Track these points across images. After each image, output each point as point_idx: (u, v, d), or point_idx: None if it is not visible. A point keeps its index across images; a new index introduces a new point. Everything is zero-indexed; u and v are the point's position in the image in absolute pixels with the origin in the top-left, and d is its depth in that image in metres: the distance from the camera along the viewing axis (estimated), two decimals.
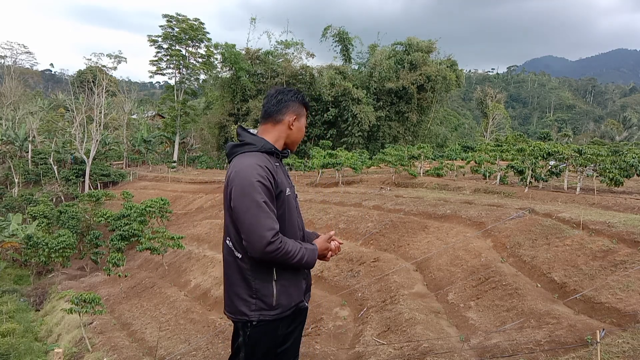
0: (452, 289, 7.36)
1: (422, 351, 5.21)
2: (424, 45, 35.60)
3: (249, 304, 2.15)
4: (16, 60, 65.57)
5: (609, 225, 7.61)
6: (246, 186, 2.06)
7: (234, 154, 2.25)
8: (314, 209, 14.50)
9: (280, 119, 2.30)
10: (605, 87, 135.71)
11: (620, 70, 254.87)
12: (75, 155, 33.88)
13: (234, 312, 2.20)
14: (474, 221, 9.94)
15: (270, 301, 2.16)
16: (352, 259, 9.89)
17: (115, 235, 18.15)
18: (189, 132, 45.10)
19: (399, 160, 18.06)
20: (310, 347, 6.35)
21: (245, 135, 2.28)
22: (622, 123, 58.84)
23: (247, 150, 2.21)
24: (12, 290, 17.04)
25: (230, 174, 2.15)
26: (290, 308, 2.23)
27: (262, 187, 2.07)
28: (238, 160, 2.18)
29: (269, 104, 2.32)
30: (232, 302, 2.21)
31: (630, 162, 12.06)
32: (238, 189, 2.07)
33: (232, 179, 2.12)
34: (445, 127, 42.83)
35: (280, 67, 36.59)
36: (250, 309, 2.15)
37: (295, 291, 2.25)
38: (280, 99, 2.30)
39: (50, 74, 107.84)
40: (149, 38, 38.34)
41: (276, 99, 2.31)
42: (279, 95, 2.32)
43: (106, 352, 8.79)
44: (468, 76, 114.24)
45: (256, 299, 2.15)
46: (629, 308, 5.30)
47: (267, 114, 2.32)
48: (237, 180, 2.09)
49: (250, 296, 2.15)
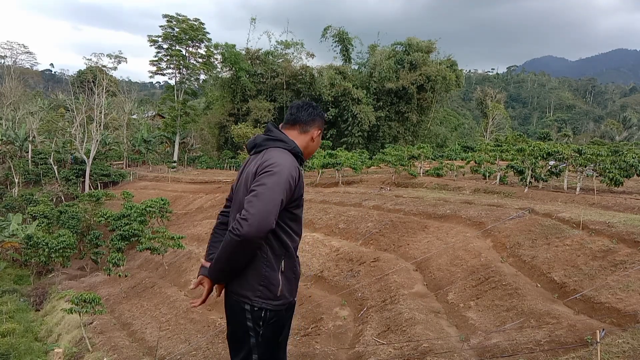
0: (452, 289, 7.36)
1: (422, 351, 5.21)
2: (424, 46, 35.61)
3: (255, 289, 2.21)
4: (16, 60, 65.65)
5: (609, 225, 7.61)
6: (282, 176, 2.16)
7: (265, 146, 2.33)
8: (314, 209, 14.50)
9: (307, 130, 2.46)
10: (605, 87, 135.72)
11: (620, 70, 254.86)
12: (75, 155, 33.88)
13: (237, 294, 2.25)
14: (473, 221, 9.94)
15: (276, 291, 2.23)
16: (352, 259, 9.89)
17: (116, 235, 18.15)
18: (189, 132, 45.10)
19: (398, 160, 18.07)
20: (310, 347, 6.35)
21: (278, 132, 2.39)
22: (622, 123, 58.79)
23: (281, 147, 2.31)
24: (12, 290, 17.04)
25: (267, 160, 2.22)
26: (289, 302, 2.33)
27: (289, 187, 2.18)
28: (276, 153, 2.27)
29: (300, 113, 2.46)
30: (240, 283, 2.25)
31: (630, 162, 12.07)
32: (274, 173, 2.16)
33: (269, 162, 2.20)
34: (445, 127, 42.84)
35: (280, 67, 36.60)
36: (255, 295, 2.21)
37: (294, 287, 2.38)
38: (311, 112, 2.48)
39: (51, 74, 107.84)
40: (149, 38, 38.35)
41: (308, 111, 2.47)
42: (309, 108, 2.49)
43: (106, 352, 8.79)
44: (468, 76, 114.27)
45: (263, 286, 2.22)
46: (629, 308, 5.30)
47: (297, 121, 2.46)
48: (276, 166, 2.17)
49: (259, 283, 2.22)
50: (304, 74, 36.35)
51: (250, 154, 2.42)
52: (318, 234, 12.49)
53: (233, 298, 2.27)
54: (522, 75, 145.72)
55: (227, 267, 2.17)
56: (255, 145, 2.37)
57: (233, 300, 2.28)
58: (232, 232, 2.05)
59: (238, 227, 2.03)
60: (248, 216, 2.04)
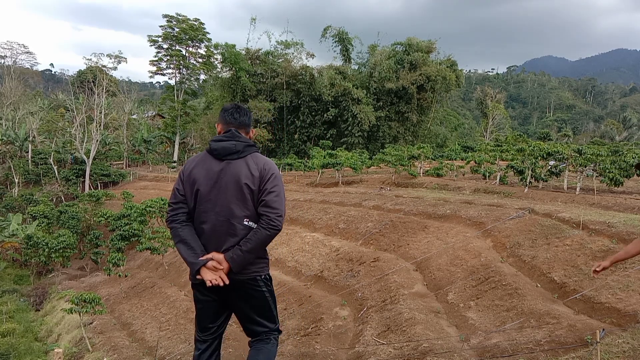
0: (452, 289, 7.36)
1: (422, 351, 5.21)
2: (424, 46, 35.59)
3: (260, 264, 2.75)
4: (16, 60, 65.57)
5: (609, 225, 7.61)
6: (280, 176, 2.75)
7: (247, 152, 2.71)
8: (314, 209, 14.50)
9: (249, 130, 2.89)
10: (605, 87, 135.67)
11: (620, 70, 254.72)
12: (75, 155, 33.87)
13: (251, 271, 2.70)
14: (473, 221, 9.94)
15: (268, 261, 2.85)
16: (352, 259, 9.89)
17: (116, 235, 18.14)
18: (189, 132, 45.08)
19: (398, 160, 18.07)
20: (310, 347, 6.35)
21: (245, 138, 2.78)
22: (622, 123, 58.75)
23: (256, 150, 2.78)
24: (12, 290, 17.04)
25: (264, 165, 2.68)
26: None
27: None
28: (261, 157, 2.74)
29: (242, 117, 2.84)
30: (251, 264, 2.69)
31: (630, 162, 12.07)
32: (278, 175, 2.70)
33: (268, 167, 2.68)
34: (445, 127, 42.81)
35: (280, 67, 36.58)
36: (263, 265, 2.77)
37: None
38: (250, 114, 2.91)
39: (51, 74, 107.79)
40: (149, 38, 38.38)
41: (247, 115, 2.89)
42: (247, 112, 2.90)
43: (106, 352, 8.79)
44: (468, 76, 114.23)
45: (265, 258, 2.79)
46: (629, 308, 5.30)
47: (242, 124, 2.84)
48: (274, 169, 2.70)
49: (264, 257, 2.78)
50: (304, 74, 36.33)
51: (221, 159, 2.67)
52: (318, 234, 12.49)
53: (244, 277, 2.69)
54: (522, 75, 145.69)
55: (255, 254, 2.65)
56: (236, 152, 2.67)
57: (244, 279, 2.69)
58: (273, 228, 2.56)
59: (277, 223, 2.56)
60: (281, 212, 2.58)
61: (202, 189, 2.64)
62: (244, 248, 2.56)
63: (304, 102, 36.19)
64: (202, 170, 2.67)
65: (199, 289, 2.74)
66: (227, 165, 2.63)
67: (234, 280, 2.64)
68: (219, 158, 2.66)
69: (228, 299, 2.78)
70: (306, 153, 32.94)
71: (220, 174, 2.62)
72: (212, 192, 2.63)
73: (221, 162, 2.65)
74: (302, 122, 36.56)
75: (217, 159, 2.66)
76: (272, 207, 2.55)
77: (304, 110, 36.38)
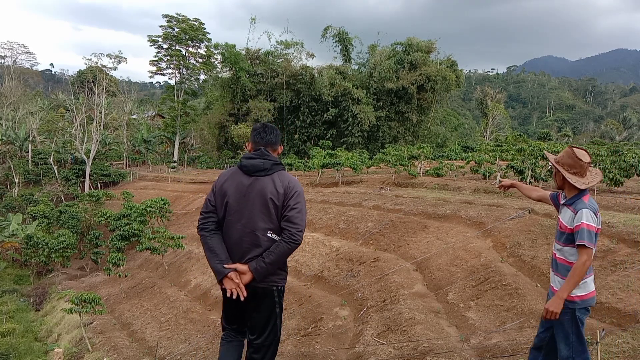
0: (452, 289, 7.36)
1: (422, 351, 5.21)
2: (424, 46, 35.58)
3: (279, 275, 2.95)
4: (16, 60, 65.62)
5: (609, 225, 7.61)
6: (303, 193, 2.95)
7: (274, 170, 2.92)
8: (314, 209, 14.50)
9: (276, 148, 3.06)
10: (605, 87, 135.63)
11: (620, 70, 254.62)
12: (75, 155, 33.86)
13: (269, 281, 2.91)
14: (473, 221, 9.94)
15: (286, 272, 3.05)
16: (352, 259, 9.89)
17: (116, 235, 18.15)
18: (189, 132, 45.08)
19: (398, 160, 18.06)
20: (310, 347, 6.35)
21: (274, 156, 3.00)
22: (622, 123, 58.72)
23: (282, 169, 2.99)
24: (12, 290, 17.04)
25: (288, 182, 2.89)
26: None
27: None
28: (287, 175, 2.95)
29: (269, 136, 3.02)
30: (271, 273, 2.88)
31: (630, 162, 12.07)
32: (301, 193, 2.91)
33: (292, 185, 2.89)
34: (445, 127, 42.79)
35: (280, 67, 36.57)
36: (279, 278, 2.96)
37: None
38: (276, 133, 3.07)
39: (51, 74, 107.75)
40: (149, 38, 38.36)
41: (274, 133, 3.04)
42: (274, 130, 3.06)
43: (106, 352, 8.79)
44: (468, 76, 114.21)
45: (284, 271, 3.00)
46: (629, 308, 5.30)
47: (270, 143, 3.01)
48: (298, 187, 2.91)
49: (284, 269, 2.99)
50: (304, 74, 36.32)
51: (251, 175, 2.89)
52: (318, 234, 12.49)
53: (263, 285, 2.89)
54: (522, 75, 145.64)
55: (277, 266, 2.86)
56: (264, 169, 2.88)
57: (263, 287, 2.90)
58: (293, 242, 2.77)
59: (298, 237, 2.77)
60: (301, 228, 2.80)
61: (231, 201, 2.89)
62: (267, 260, 2.78)
63: (304, 102, 36.18)
64: (232, 183, 2.92)
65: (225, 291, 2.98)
66: (255, 181, 2.88)
67: (254, 287, 2.87)
68: (249, 174, 2.90)
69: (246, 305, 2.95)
70: (306, 153, 32.93)
71: (248, 188, 2.87)
72: (240, 204, 2.87)
73: (250, 177, 2.89)
74: (302, 122, 36.55)
75: (247, 175, 2.90)
76: (293, 222, 2.78)
77: (304, 110, 36.37)
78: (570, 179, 3.02)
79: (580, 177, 3.02)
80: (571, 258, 3.04)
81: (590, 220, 2.89)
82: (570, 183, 3.03)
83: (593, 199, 3.09)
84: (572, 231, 2.97)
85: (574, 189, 3.04)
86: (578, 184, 2.99)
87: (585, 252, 2.90)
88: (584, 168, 3.02)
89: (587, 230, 2.87)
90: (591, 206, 2.95)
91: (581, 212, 2.91)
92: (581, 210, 2.92)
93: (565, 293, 2.95)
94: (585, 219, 2.89)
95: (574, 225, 2.95)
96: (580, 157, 3.02)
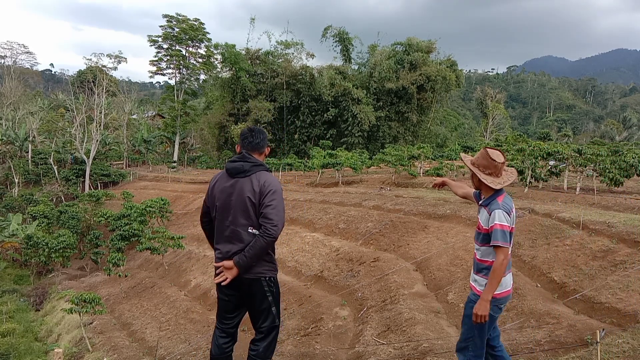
0: (452, 289, 7.36)
1: (422, 351, 5.21)
2: (424, 46, 35.58)
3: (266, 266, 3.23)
4: (16, 60, 65.68)
5: (609, 225, 7.61)
6: (280, 191, 3.19)
7: (252, 171, 3.19)
8: (314, 209, 14.50)
9: (262, 151, 3.35)
10: (605, 87, 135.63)
11: (620, 70, 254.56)
12: (75, 155, 33.86)
13: (256, 272, 3.19)
14: (474, 221, 9.94)
15: (275, 264, 3.35)
16: (352, 259, 9.89)
17: (116, 235, 18.14)
18: (189, 132, 45.09)
19: (398, 160, 18.07)
20: (310, 347, 6.35)
21: (254, 159, 3.25)
22: (622, 123, 58.70)
23: (265, 170, 3.25)
24: (12, 290, 17.04)
25: (264, 182, 3.14)
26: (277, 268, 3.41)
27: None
28: (264, 175, 3.20)
29: (255, 140, 3.29)
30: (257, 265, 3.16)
31: (630, 162, 12.06)
32: (277, 191, 3.14)
33: (268, 184, 3.14)
34: (445, 127, 42.80)
35: (280, 67, 36.57)
36: (267, 269, 3.25)
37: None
38: (263, 137, 3.33)
39: (51, 74, 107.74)
40: (149, 38, 38.38)
41: (260, 137, 3.31)
42: (261, 134, 3.33)
43: (106, 352, 8.79)
44: (468, 76, 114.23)
45: (271, 262, 3.28)
46: (629, 308, 5.30)
47: (257, 147, 3.30)
48: (274, 186, 3.15)
49: (270, 261, 3.27)
50: (304, 74, 36.32)
51: (233, 177, 3.20)
52: (318, 234, 12.49)
53: (251, 277, 3.19)
54: (522, 75, 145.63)
55: (258, 258, 3.11)
56: (244, 171, 3.18)
57: (251, 278, 3.19)
58: (269, 236, 3.01)
59: (273, 232, 3.01)
60: (276, 223, 3.03)
61: (218, 203, 3.24)
62: (247, 254, 3.08)
63: (304, 102, 36.18)
64: (219, 186, 3.27)
65: (220, 289, 3.32)
66: (236, 182, 3.18)
67: (242, 279, 3.18)
68: (231, 176, 3.22)
69: (240, 298, 3.33)
70: (306, 153, 32.94)
71: (230, 189, 3.19)
72: (225, 204, 3.20)
73: (232, 179, 3.21)
74: (302, 122, 36.55)
75: (230, 177, 3.23)
76: (268, 218, 3.04)
77: (304, 110, 36.36)
78: (485, 180, 3.07)
79: (495, 177, 3.08)
80: (489, 257, 3.10)
81: (503, 220, 2.94)
82: (485, 184, 3.07)
83: (510, 197, 3.15)
84: (488, 231, 3.03)
85: (489, 189, 3.10)
86: (493, 184, 3.05)
87: (502, 252, 2.94)
88: (498, 168, 3.06)
89: (500, 230, 2.93)
90: (504, 206, 3.00)
91: (494, 212, 2.98)
92: (494, 211, 2.98)
93: (489, 294, 2.99)
94: (498, 220, 2.95)
95: (489, 226, 3.01)
96: (494, 157, 3.08)
